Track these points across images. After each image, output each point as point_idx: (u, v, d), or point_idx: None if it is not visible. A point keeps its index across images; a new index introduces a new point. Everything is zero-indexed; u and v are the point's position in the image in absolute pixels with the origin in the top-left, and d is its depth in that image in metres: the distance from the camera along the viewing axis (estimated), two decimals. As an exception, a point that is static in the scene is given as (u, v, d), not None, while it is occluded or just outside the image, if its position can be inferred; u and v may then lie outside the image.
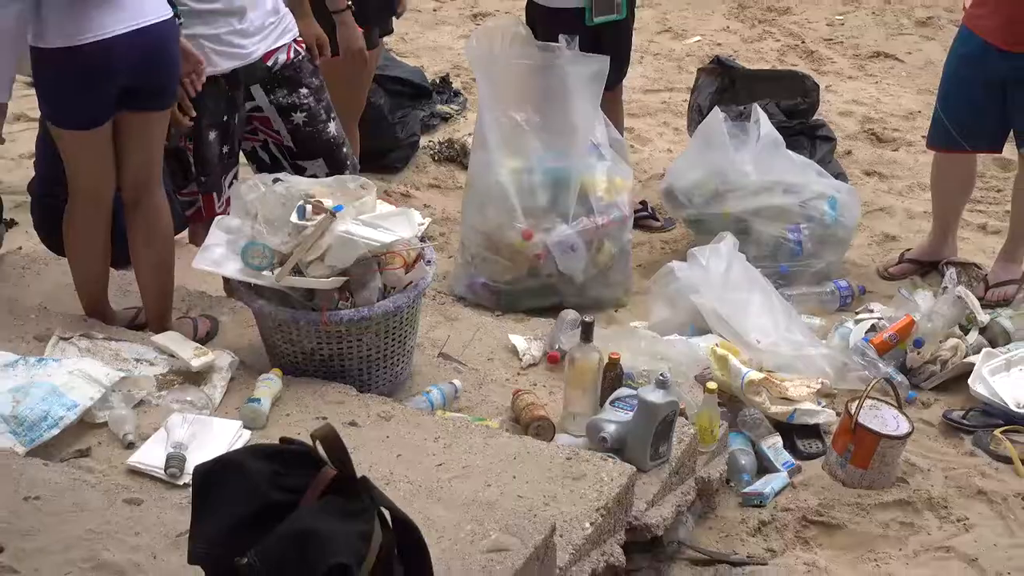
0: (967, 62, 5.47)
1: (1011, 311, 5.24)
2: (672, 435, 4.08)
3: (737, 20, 8.39)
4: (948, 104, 5.57)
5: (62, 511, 3.51)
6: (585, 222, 5.34)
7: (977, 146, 5.61)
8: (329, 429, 2.96)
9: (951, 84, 5.59)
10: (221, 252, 4.24)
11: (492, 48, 5.52)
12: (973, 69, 5.42)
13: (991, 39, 5.30)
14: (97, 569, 3.30)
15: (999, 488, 4.46)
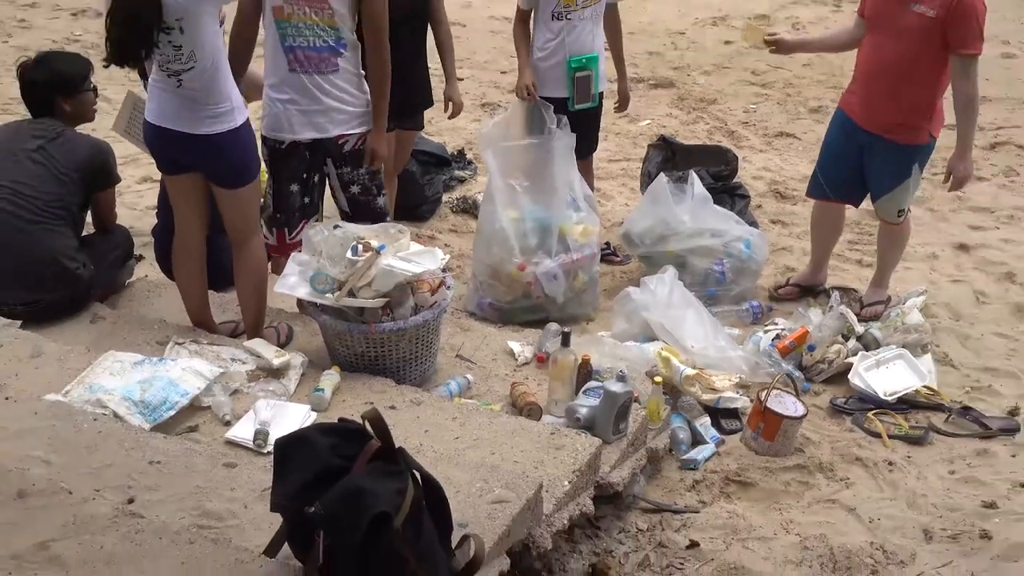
0: (838, 133, 5.47)
1: (880, 324, 5.26)
2: (629, 416, 4.13)
3: (677, 108, 8.42)
4: (822, 164, 5.59)
5: (176, 472, 3.52)
6: (564, 258, 5.35)
7: (841, 197, 5.61)
8: (374, 411, 2.97)
9: (826, 149, 5.59)
10: (295, 279, 4.29)
11: (497, 135, 5.54)
12: (842, 139, 5.43)
13: (853, 116, 5.32)
14: (203, 515, 3.30)
15: (871, 456, 4.50)
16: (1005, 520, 4.10)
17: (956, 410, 4.76)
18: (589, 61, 5.63)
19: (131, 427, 3.80)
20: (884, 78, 5.16)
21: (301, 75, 4.52)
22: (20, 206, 4.60)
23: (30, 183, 4.64)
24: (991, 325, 5.53)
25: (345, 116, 4.61)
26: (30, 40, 9.27)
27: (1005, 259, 6.18)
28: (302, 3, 4.40)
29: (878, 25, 5.19)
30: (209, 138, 4.17)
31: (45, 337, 4.45)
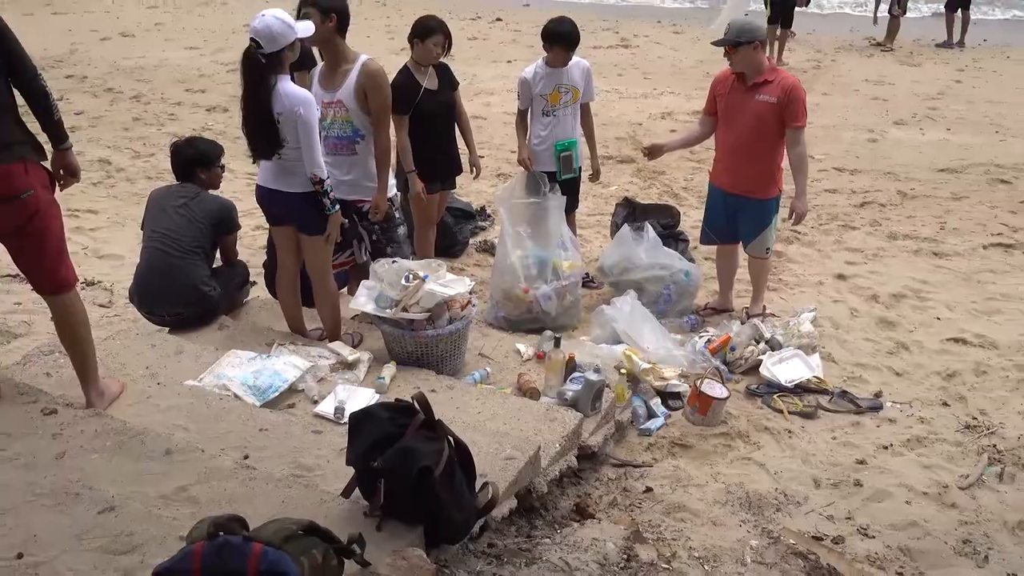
0: (714, 199, 5.49)
1: (782, 331, 5.19)
2: (602, 397, 4.13)
3: (636, 178, 8.43)
4: (707, 221, 5.59)
5: (279, 436, 3.54)
6: (556, 284, 5.33)
7: (725, 241, 5.57)
8: (421, 394, 2.99)
9: (708, 211, 5.59)
10: (364, 299, 4.34)
11: (508, 196, 5.56)
12: (717, 203, 5.45)
13: (722, 186, 5.37)
14: (297, 468, 3.32)
15: (776, 426, 4.48)
16: (871, 472, 4.08)
17: (836, 393, 4.73)
18: (570, 144, 5.64)
19: (246, 404, 3.84)
20: (743, 152, 5.18)
21: (335, 155, 4.62)
22: (169, 246, 4.65)
23: (176, 230, 4.68)
24: (861, 333, 5.51)
25: (361, 187, 4.66)
26: (177, 128, 9.33)
27: (871, 285, 6.16)
28: (331, 106, 4.52)
29: (730, 115, 5.21)
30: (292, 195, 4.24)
31: (186, 340, 4.48)
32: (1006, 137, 9.93)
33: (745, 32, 4.99)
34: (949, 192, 8.17)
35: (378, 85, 4.51)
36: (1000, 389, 4.86)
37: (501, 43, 14.29)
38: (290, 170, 4.15)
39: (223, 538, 2.27)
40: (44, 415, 3.46)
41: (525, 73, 5.58)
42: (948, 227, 7.31)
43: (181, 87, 11.12)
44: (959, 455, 4.24)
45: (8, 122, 3.29)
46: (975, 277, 6.34)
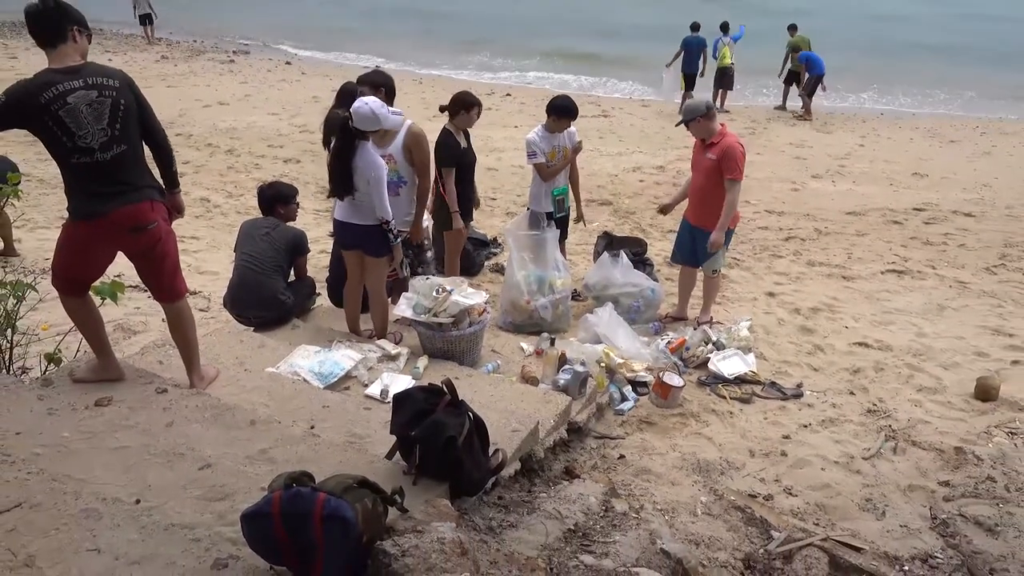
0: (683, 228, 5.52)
1: (725, 335, 5.16)
2: (587, 384, 4.09)
3: (614, 216, 8.41)
4: (676, 244, 5.64)
5: (337, 411, 3.54)
6: (551, 297, 5.31)
7: (688, 263, 5.60)
8: (448, 380, 2.98)
9: (677, 237, 5.62)
10: (405, 306, 4.32)
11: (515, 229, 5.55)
12: (684, 232, 5.47)
13: (689, 219, 5.44)
14: (352, 436, 3.30)
15: (720, 409, 4.47)
16: (794, 445, 4.07)
17: (767, 384, 4.71)
18: (563, 191, 5.65)
19: (312, 386, 3.82)
20: (699, 194, 5.28)
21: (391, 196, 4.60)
22: (255, 265, 4.65)
23: (260, 252, 4.68)
24: (786, 337, 5.48)
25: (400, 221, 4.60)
26: (261, 174, 9.34)
27: (794, 301, 6.14)
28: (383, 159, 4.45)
29: (694, 168, 5.35)
30: (353, 227, 4.29)
31: (267, 337, 4.46)
32: (898, 189, 9.92)
33: (689, 112, 5.15)
34: (854, 230, 8.15)
35: (420, 144, 4.57)
36: (894, 382, 4.84)
37: (509, 112, 14.31)
38: (362, 209, 4.22)
39: (296, 488, 2.26)
40: (157, 393, 3.46)
41: (532, 136, 5.58)
42: (854, 257, 7.29)
43: (264, 144, 11.14)
44: (862, 433, 4.23)
45: (141, 170, 3.33)
46: (875, 295, 6.32)
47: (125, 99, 3.20)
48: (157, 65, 17.59)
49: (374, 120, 4.02)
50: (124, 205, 3.23)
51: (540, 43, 22.67)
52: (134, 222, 3.28)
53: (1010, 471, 3.79)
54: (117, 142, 3.19)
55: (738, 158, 5.04)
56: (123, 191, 3.23)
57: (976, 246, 7.67)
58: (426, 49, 22.01)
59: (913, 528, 3.40)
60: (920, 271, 6.92)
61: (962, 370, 4.98)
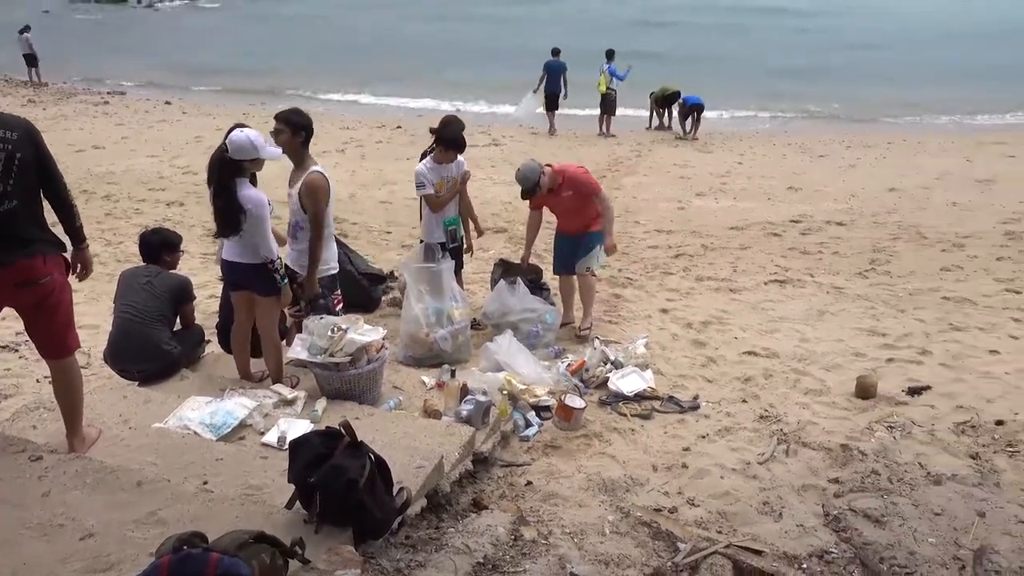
0: (560, 241, 5.90)
1: (623, 354, 5.24)
2: (490, 414, 4.09)
3: (509, 243, 8.49)
4: (554, 255, 5.97)
5: (232, 463, 3.40)
6: (450, 328, 5.30)
7: (567, 272, 5.93)
8: (346, 421, 2.92)
9: (555, 251, 6.02)
10: (299, 348, 4.21)
11: (410, 262, 5.54)
12: (563, 243, 5.83)
13: (564, 231, 5.81)
14: (248, 488, 3.18)
15: (622, 427, 4.54)
16: (694, 456, 4.18)
17: (665, 399, 4.82)
18: (454, 221, 5.70)
19: (204, 439, 3.66)
20: (571, 214, 5.73)
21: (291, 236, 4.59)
22: (136, 315, 4.45)
23: (141, 302, 4.49)
24: (680, 352, 5.64)
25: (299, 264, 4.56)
26: (142, 220, 8.95)
27: (686, 316, 6.34)
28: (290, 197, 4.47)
29: (556, 207, 5.81)
30: (236, 264, 4.18)
31: (153, 391, 4.26)
32: (775, 203, 10.46)
33: (528, 185, 5.54)
34: (738, 244, 8.52)
35: (314, 194, 4.34)
36: (782, 387, 5.06)
37: (401, 144, 14.30)
38: (248, 247, 4.10)
39: (186, 551, 2.15)
40: (31, 461, 3.23)
41: (420, 167, 5.59)
42: (739, 270, 7.62)
43: (144, 187, 10.69)
44: (756, 438, 4.38)
45: (36, 225, 3.25)
46: (760, 306, 6.61)
47: (22, 152, 3.11)
48: (24, 110, 16.62)
49: (251, 149, 3.92)
50: (12, 260, 3.13)
51: (433, 73, 22.80)
52: (21, 277, 3.18)
53: (891, 463, 4.02)
54: (8, 197, 3.09)
55: (587, 178, 5.58)
56: (11, 246, 3.13)
57: (848, 253, 8.17)
58: (314, 79, 21.75)
59: (808, 526, 3.54)
60: (800, 279, 7.29)
61: (843, 371, 5.26)
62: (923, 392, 4.86)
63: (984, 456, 4.06)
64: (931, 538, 3.37)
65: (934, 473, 3.88)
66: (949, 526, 3.44)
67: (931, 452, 4.11)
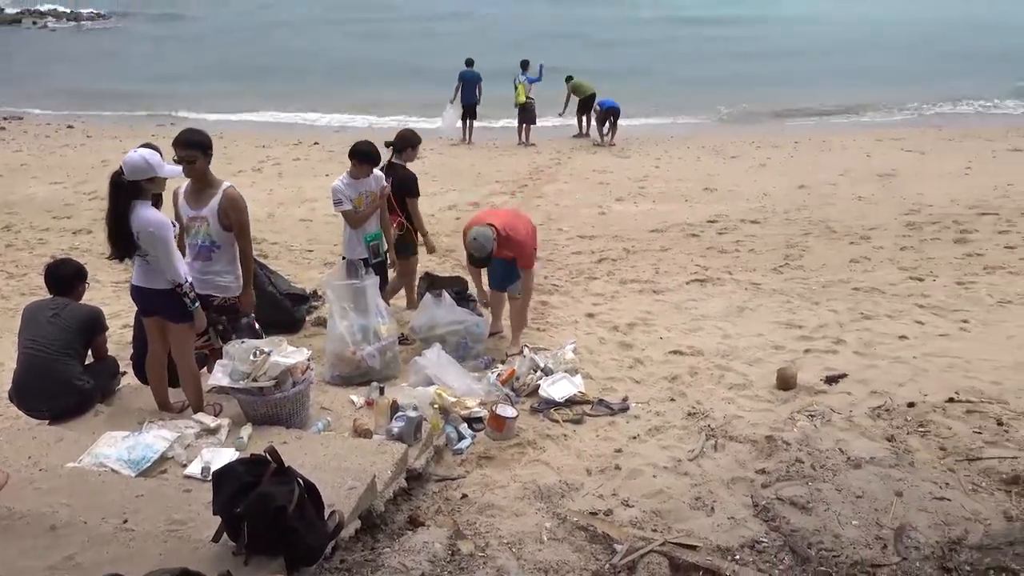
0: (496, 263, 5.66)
1: (552, 360, 5.28)
2: (421, 429, 4.05)
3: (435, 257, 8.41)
4: (488, 271, 5.85)
5: (153, 500, 3.26)
6: (377, 345, 5.23)
7: (500, 288, 5.89)
8: (271, 448, 2.85)
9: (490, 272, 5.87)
10: (220, 375, 4.07)
11: (332, 280, 5.44)
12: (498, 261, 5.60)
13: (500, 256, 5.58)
14: (172, 523, 3.06)
15: (555, 433, 4.56)
16: (627, 457, 4.23)
17: (596, 402, 4.87)
18: (376, 236, 5.68)
19: (123, 476, 3.50)
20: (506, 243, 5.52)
21: (196, 259, 4.41)
22: (42, 350, 4.22)
23: (48, 336, 4.27)
24: (608, 355, 5.72)
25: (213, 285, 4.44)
26: (47, 250, 8.54)
27: (612, 319, 6.43)
28: (196, 220, 4.34)
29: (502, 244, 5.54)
30: (143, 290, 4.06)
31: (66, 429, 4.06)
32: (692, 204, 10.74)
33: (481, 254, 5.35)
34: (659, 246, 8.71)
35: (239, 206, 4.33)
36: (708, 384, 5.17)
37: (320, 161, 14.08)
38: (156, 272, 3.97)
39: (105, 595, 2.05)
40: (-69, 513, 3.03)
41: (337, 183, 5.55)
42: (661, 271, 7.78)
43: (48, 215, 10.20)
44: (686, 436, 4.46)
45: None
46: (683, 305, 6.76)
47: None
48: (-91, 139, 15.68)
49: (147, 168, 3.82)
50: None
51: (352, 90, 22.53)
52: None
53: (813, 450, 4.15)
54: None
55: (528, 252, 5.60)
56: None
57: (763, 250, 8.45)
58: (226, 99, 21.20)
59: (739, 518, 3.62)
60: (719, 278, 7.50)
61: (764, 364, 5.42)
62: (840, 380, 5.05)
63: (899, 438, 4.24)
64: (854, 520, 3.50)
65: (854, 457, 4.03)
66: (870, 507, 3.59)
67: (850, 437, 4.27)
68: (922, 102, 20.05)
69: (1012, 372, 5.04)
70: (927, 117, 18.93)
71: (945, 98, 20.28)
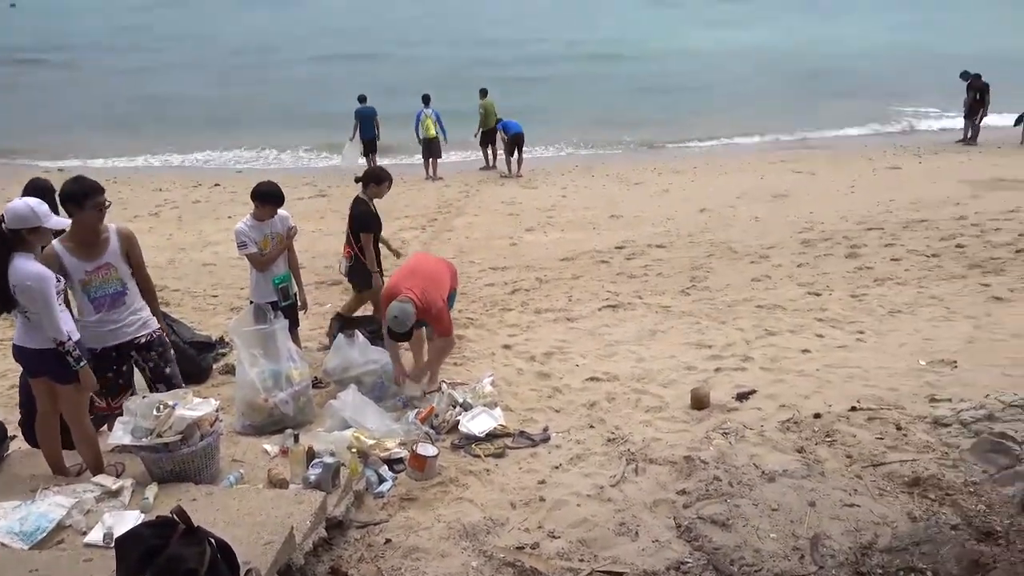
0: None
1: (470, 395, 5.25)
2: (340, 475, 3.94)
3: (345, 295, 8.27)
4: None
5: (50, 574, 3.01)
6: (290, 390, 5.08)
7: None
8: (179, 507, 2.72)
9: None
10: (121, 432, 3.87)
11: (239, 326, 5.28)
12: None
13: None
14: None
15: (477, 468, 4.51)
16: (550, 488, 4.22)
17: (516, 434, 4.86)
18: (285, 278, 5.56)
19: (14, 550, 3.24)
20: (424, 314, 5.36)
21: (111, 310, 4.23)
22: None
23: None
24: (527, 386, 5.72)
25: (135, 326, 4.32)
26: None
27: (528, 349, 6.45)
28: (98, 271, 4.16)
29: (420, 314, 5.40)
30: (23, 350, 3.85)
31: (-54, 503, 3.74)
32: (600, 232, 10.97)
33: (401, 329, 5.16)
34: (570, 274, 8.84)
35: (134, 241, 4.29)
36: (625, 408, 5.25)
37: (221, 203, 13.70)
38: (37, 329, 3.73)
39: None
40: None
41: (239, 226, 5.43)
42: (574, 299, 7.89)
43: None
44: (607, 462, 4.50)
45: None
46: (597, 332, 6.86)
47: None
48: None
49: (31, 218, 3.63)
50: None
51: (249, 129, 22.03)
52: None
53: (730, 467, 4.26)
54: None
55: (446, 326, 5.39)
56: None
57: (671, 273, 8.70)
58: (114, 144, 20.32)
59: (663, 541, 3.67)
60: (630, 302, 7.66)
61: (678, 385, 5.54)
62: (750, 396, 5.22)
63: (808, 449, 4.41)
64: (772, 534, 3.61)
65: (768, 471, 4.16)
66: (786, 519, 3.70)
67: (763, 452, 4.41)
68: (810, 126, 21.22)
69: (905, 378, 5.34)
70: (814, 140, 20.05)
71: (830, 123, 21.54)
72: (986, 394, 4.82)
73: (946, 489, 3.88)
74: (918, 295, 7.38)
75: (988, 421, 4.41)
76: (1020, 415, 4.40)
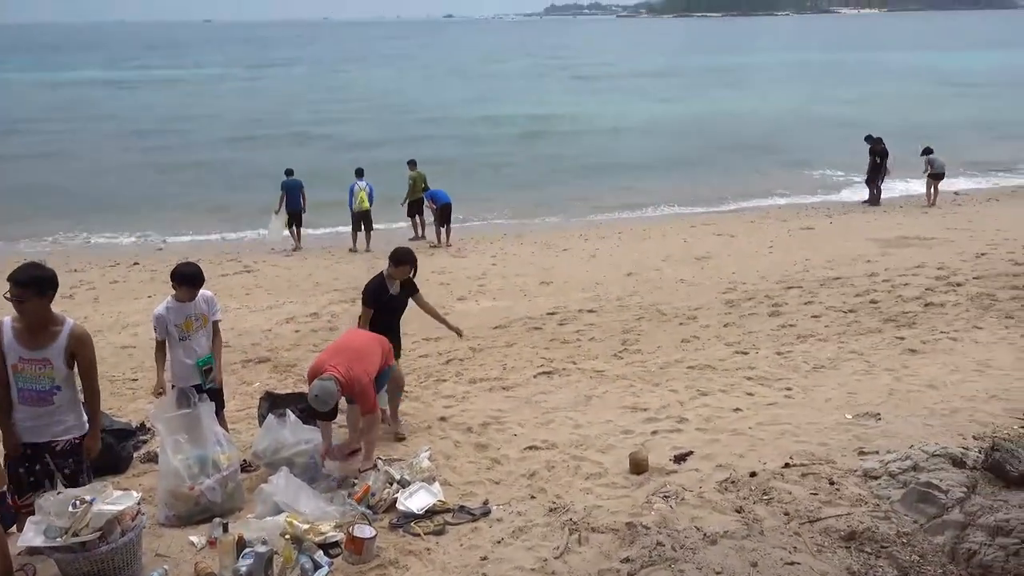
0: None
1: (408, 470, 5.13)
2: (273, 564, 3.79)
3: (274, 372, 8.07)
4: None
5: None
6: (218, 476, 4.86)
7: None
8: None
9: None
10: (32, 534, 3.64)
11: (162, 411, 5.06)
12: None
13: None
14: None
15: (417, 548, 4.42)
16: (493, 564, 4.15)
17: (456, 509, 4.76)
18: (208, 359, 5.44)
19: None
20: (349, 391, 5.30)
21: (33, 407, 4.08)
22: None
23: None
24: (465, 458, 5.63)
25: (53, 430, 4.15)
26: None
27: (465, 420, 6.37)
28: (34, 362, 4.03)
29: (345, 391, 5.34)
30: None
31: None
32: (531, 298, 11.09)
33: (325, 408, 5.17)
34: (504, 342, 8.86)
35: (85, 344, 4.15)
36: (566, 476, 5.22)
37: (141, 282, 13.30)
38: None
39: None
40: None
41: (159, 310, 5.31)
42: (508, 367, 7.89)
43: None
44: (549, 533, 4.44)
45: None
46: (533, 399, 6.84)
47: None
48: None
49: None
50: None
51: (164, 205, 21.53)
52: None
53: (672, 531, 4.27)
54: None
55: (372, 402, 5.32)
56: None
57: (602, 337, 8.82)
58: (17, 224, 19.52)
59: (610, 612, 3.62)
60: (565, 368, 7.71)
61: (616, 450, 5.56)
62: (687, 458, 5.27)
63: (747, 508, 4.46)
64: (717, 597, 3.60)
65: (709, 533, 4.18)
66: (730, 582, 3.71)
67: (703, 513, 4.44)
68: (732, 191, 22.09)
69: (834, 432, 5.50)
70: (732, 204, 20.88)
71: (751, 187, 22.51)
72: (910, 444, 4.99)
73: (880, 541, 3.97)
74: (839, 350, 7.67)
75: (914, 471, 4.56)
76: (942, 464, 4.56)
